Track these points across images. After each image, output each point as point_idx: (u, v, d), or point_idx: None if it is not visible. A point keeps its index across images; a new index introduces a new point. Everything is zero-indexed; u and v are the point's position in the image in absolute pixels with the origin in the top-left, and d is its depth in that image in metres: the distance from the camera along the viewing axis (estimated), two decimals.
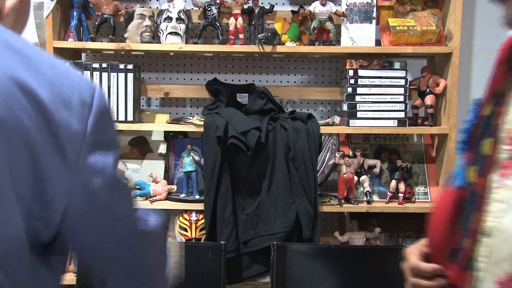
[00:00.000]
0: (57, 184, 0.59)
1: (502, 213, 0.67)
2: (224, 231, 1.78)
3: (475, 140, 0.75)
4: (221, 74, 2.13)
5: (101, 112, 0.63)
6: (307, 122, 1.85)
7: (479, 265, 0.70)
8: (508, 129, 0.69)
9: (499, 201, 0.68)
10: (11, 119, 0.54)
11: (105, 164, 0.64)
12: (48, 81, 0.59)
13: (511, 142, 0.68)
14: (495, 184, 0.70)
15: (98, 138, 0.63)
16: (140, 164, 2.03)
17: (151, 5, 2.09)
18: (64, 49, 1.90)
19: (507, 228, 0.66)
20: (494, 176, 0.70)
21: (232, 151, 1.79)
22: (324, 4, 1.86)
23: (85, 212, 0.63)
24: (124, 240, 0.70)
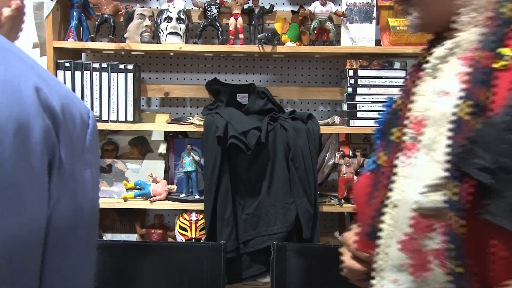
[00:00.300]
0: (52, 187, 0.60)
1: (405, 187, 0.77)
2: (224, 231, 1.78)
3: (388, 130, 0.86)
4: (221, 74, 2.13)
5: (95, 132, 0.68)
6: (307, 122, 1.85)
7: (385, 233, 0.79)
8: (412, 116, 0.80)
9: (403, 177, 0.78)
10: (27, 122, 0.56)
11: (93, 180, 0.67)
12: (58, 93, 0.61)
13: (414, 126, 0.79)
14: (400, 163, 0.80)
15: (91, 156, 0.66)
16: (140, 164, 2.03)
17: (151, 5, 2.09)
18: (64, 49, 1.90)
19: (409, 198, 0.75)
20: (400, 157, 0.81)
21: (232, 151, 1.79)
22: (324, 4, 1.86)
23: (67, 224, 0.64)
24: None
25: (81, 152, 0.64)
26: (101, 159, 2.00)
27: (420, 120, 0.78)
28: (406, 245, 0.75)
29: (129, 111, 1.89)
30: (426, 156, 0.74)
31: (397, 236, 0.76)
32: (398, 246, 0.76)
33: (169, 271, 1.65)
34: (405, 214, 0.75)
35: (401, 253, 0.76)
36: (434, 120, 0.74)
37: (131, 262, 1.65)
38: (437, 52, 0.78)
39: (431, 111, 0.76)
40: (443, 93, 0.74)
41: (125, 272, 1.65)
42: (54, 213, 0.61)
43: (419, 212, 0.73)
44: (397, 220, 0.77)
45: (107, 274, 1.64)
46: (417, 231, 0.73)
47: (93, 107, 1.88)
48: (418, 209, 0.73)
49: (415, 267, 0.74)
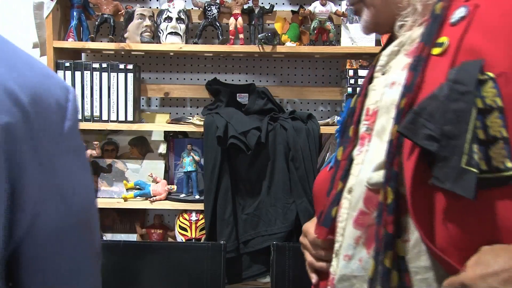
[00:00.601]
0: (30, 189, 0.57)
1: (359, 172, 0.84)
2: (224, 231, 1.78)
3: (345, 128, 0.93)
4: (221, 74, 2.13)
5: (75, 116, 0.63)
6: (307, 122, 1.85)
7: (342, 217, 0.85)
8: (367, 108, 0.87)
9: (357, 164, 0.85)
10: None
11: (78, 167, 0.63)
12: (27, 83, 0.57)
13: (368, 118, 0.86)
14: (356, 152, 0.87)
15: (72, 141, 0.62)
16: (140, 164, 2.03)
17: (151, 5, 2.09)
18: (64, 49, 1.90)
19: (360, 180, 0.82)
20: (355, 148, 0.88)
21: (232, 151, 1.79)
22: (324, 4, 1.86)
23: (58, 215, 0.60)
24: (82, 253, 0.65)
25: (59, 140, 0.60)
26: (101, 159, 2.00)
27: (373, 112, 0.85)
28: (359, 221, 0.81)
29: (129, 111, 1.89)
30: (378, 141, 0.81)
31: (352, 216, 0.82)
32: (353, 224, 0.82)
33: (169, 271, 1.65)
34: (359, 194, 0.81)
35: (355, 230, 0.81)
36: (385, 109, 0.81)
37: (131, 262, 1.65)
38: (386, 50, 0.86)
39: (382, 102, 0.83)
40: (392, 84, 0.81)
41: (125, 272, 1.65)
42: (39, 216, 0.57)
43: (369, 188, 0.79)
44: (352, 201, 0.83)
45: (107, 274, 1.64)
46: (368, 206, 0.79)
47: (93, 107, 1.88)
48: (369, 185, 0.79)
49: (367, 240, 0.79)
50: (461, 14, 0.71)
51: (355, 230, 0.81)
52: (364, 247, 0.80)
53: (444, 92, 0.66)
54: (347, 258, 0.83)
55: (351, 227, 0.82)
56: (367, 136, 0.85)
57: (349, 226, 0.83)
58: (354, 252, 0.81)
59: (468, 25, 0.69)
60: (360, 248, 0.81)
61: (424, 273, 0.72)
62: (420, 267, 0.72)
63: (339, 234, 0.86)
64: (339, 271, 0.84)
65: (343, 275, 0.83)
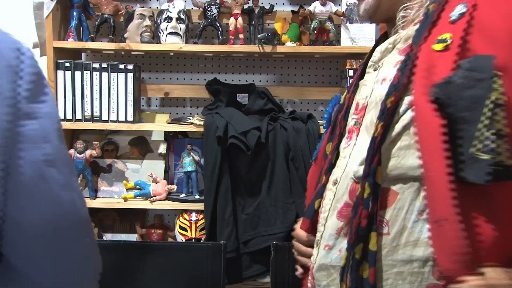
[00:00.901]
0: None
1: (345, 164, 0.85)
2: (224, 231, 1.78)
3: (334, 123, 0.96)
4: (221, 74, 2.13)
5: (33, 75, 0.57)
6: (307, 122, 1.85)
7: (325, 207, 0.87)
8: (357, 102, 0.89)
9: (344, 156, 0.87)
10: None
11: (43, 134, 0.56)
12: None
13: (357, 112, 0.88)
14: (343, 145, 0.89)
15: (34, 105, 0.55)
16: (140, 164, 2.03)
17: (151, 5, 2.09)
18: (64, 49, 1.90)
19: (348, 173, 0.83)
20: (342, 141, 0.90)
21: (232, 151, 1.79)
22: (324, 4, 1.86)
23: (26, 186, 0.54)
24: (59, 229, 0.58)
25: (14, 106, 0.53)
26: (101, 159, 2.00)
27: (362, 106, 0.87)
28: (343, 212, 0.82)
29: (129, 111, 1.89)
30: (366, 135, 0.83)
31: (337, 208, 0.84)
32: (336, 215, 0.84)
33: (169, 271, 1.65)
34: (345, 186, 0.83)
35: (338, 221, 0.83)
36: (374, 104, 0.83)
37: (131, 262, 1.65)
38: (380, 47, 0.88)
39: (371, 97, 0.85)
40: (383, 80, 0.83)
41: (125, 272, 1.65)
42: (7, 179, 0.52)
43: (355, 181, 0.81)
44: (337, 193, 0.85)
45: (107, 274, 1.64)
46: (352, 198, 0.81)
47: (93, 107, 1.88)
48: (355, 178, 0.81)
49: (348, 231, 0.80)
50: (461, 11, 0.72)
51: (338, 221, 0.83)
52: (345, 238, 0.82)
53: (459, 79, 0.66)
54: (327, 248, 0.84)
55: (334, 218, 0.84)
56: (355, 130, 0.87)
57: (333, 217, 0.84)
58: (334, 243, 0.83)
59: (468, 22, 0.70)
60: (341, 239, 0.82)
61: (400, 267, 0.75)
62: (397, 261, 0.75)
63: (321, 224, 0.88)
64: (318, 260, 0.86)
65: (322, 264, 0.85)
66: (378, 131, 0.76)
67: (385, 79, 0.82)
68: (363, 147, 0.81)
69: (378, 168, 0.76)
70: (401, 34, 0.84)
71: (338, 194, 0.85)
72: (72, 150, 1.91)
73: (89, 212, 0.63)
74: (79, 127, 1.89)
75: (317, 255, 0.88)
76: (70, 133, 2.00)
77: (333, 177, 0.88)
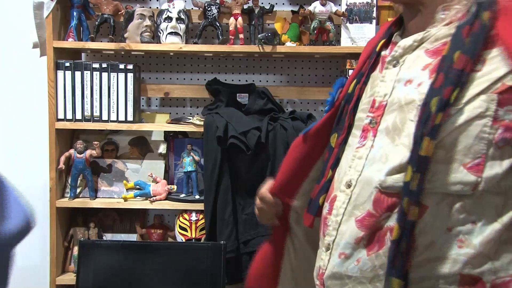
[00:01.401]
0: None
1: (361, 167, 0.81)
2: (224, 231, 1.77)
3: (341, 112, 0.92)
4: (221, 74, 2.13)
5: None
6: (307, 122, 1.85)
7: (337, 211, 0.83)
8: (373, 99, 0.84)
9: (359, 158, 0.83)
10: None
11: None
12: None
13: (373, 110, 0.83)
14: (357, 144, 0.84)
15: None
16: (140, 164, 2.03)
17: (151, 5, 2.09)
18: (64, 49, 1.90)
19: (371, 178, 0.79)
20: (352, 139, 0.86)
21: (232, 151, 1.79)
22: (324, 4, 1.86)
23: None
24: None
25: None
26: (101, 159, 2.00)
27: (379, 105, 0.82)
28: (365, 222, 0.79)
29: (129, 111, 1.89)
30: (388, 139, 0.79)
31: (355, 214, 0.80)
32: (356, 223, 0.80)
33: (169, 271, 1.65)
34: (366, 193, 0.79)
35: (358, 230, 0.79)
36: (397, 106, 0.79)
37: (131, 262, 1.65)
38: (403, 42, 0.82)
39: (391, 97, 0.81)
40: (408, 81, 0.79)
41: (125, 272, 1.65)
42: None
43: (381, 191, 0.77)
44: (355, 199, 0.81)
45: (107, 274, 1.64)
46: (377, 209, 0.77)
47: (93, 107, 1.88)
48: (381, 188, 0.77)
49: (369, 242, 0.78)
50: None
51: (357, 230, 0.79)
52: (364, 248, 0.78)
53: None
54: (342, 256, 0.81)
55: (353, 226, 0.80)
56: (371, 130, 0.83)
57: (349, 223, 0.81)
58: (352, 252, 0.80)
59: None
60: (361, 249, 0.79)
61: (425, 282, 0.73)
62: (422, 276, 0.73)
63: (331, 227, 0.84)
64: (331, 268, 0.83)
65: (336, 272, 0.82)
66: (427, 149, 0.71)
67: (410, 81, 0.78)
68: (385, 153, 0.78)
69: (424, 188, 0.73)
70: (430, 32, 0.79)
71: (357, 200, 0.81)
72: (72, 150, 1.91)
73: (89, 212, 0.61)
74: (79, 127, 1.89)
75: (329, 262, 0.84)
76: (70, 133, 2.00)
77: (346, 177, 0.84)
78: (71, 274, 1.93)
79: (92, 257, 1.65)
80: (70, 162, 1.93)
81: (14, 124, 2.15)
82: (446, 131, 0.72)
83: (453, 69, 0.72)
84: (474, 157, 0.71)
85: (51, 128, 1.86)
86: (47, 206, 1.88)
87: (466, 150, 0.72)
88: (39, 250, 2.14)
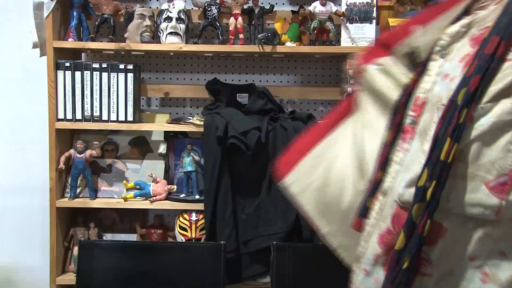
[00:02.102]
0: None
1: (396, 174, 0.72)
2: (224, 231, 1.77)
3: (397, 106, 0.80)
4: (221, 74, 2.13)
5: None
6: (307, 122, 1.85)
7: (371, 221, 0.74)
8: (416, 97, 0.74)
9: (396, 163, 0.74)
10: None
11: None
12: None
13: (415, 108, 0.73)
14: (398, 147, 0.76)
15: None
16: (140, 164, 2.03)
17: (151, 5, 2.09)
18: (64, 49, 1.90)
19: (393, 189, 0.69)
20: (398, 140, 0.76)
21: (232, 151, 1.79)
22: (324, 4, 1.86)
23: None
24: None
25: None
26: (101, 159, 2.00)
27: (421, 102, 0.73)
28: (384, 239, 0.71)
29: (129, 111, 1.89)
30: (418, 143, 0.70)
31: (380, 227, 0.73)
32: (377, 238, 0.73)
33: (169, 271, 1.65)
34: (389, 206, 0.72)
35: (377, 246, 0.72)
36: (431, 105, 0.69)
37: (131, 262, 1.65)
38: (450, 30, 0.72)
39: (431, 93, 0.71)
40: (445, 76, 0.69)
41: (125, 272, 1.65)
42: None
43: (400, 205, 0.69)
44: (383, 210, 0.74)
45: (107, 274, 1.64)
46: (395, 226, 0.69)
47: (93, 107, 1.88)
48: (400, 202, 0.69)
49: (386, 261, 0.70)
50: None
51: (377, 247, 0.72)
52: (382, 267, 0.71)
53: None
54: (365, 272, 0.75)
55: (375, 241, 0.73)
56: (410, 131, 0.73)
57: (374, 237, 0.74)
58: (372, 269, 0.73)
59: None
60: (378, 267, 0.72)
61: None
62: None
63: (363, 238, 0.77)
64: (358, 283, 0.78)
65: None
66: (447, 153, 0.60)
67: (447, 76, 0.67)
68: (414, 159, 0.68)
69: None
70: (478, 15, 0.68)
71: (384, 211, 0.72)
72: (72, 150, 1.91)
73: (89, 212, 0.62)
74: (79, 127, 1.89)
75: (357, 275, 0.78)
76: (70, 133, 2.00)
77: (385, 184, 0.75)
78: (71, 274, 1.93)
79: (92, 257, 1.65)
80: (70, 162, 1.93)
81: (14, 124, 2.15)
82: (468, 138, 0.61)
83: (484, 54, 0.62)
84: (498, 174, 0.60)
85: (51, 128, 1.86)
86: (47, 206, 1.88)
87: (490, 165, 0.60)
88: (39, 250, 2.14)
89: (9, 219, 2.16)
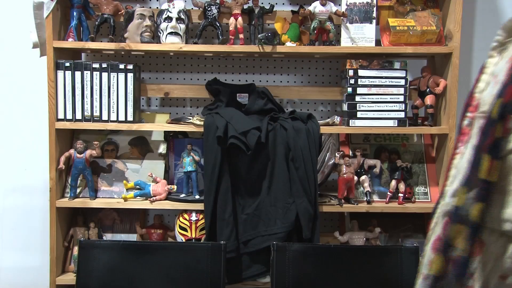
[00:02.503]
0: None
1: (453, 179, 0.67)
2: (224, 231, 1.77)
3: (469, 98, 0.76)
4: (221, 74, 2.13)
5: None
6: (307, 122, 1.85)
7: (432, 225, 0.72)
8: (473, 96, 0.69)
9: (453, 166, 0.70)
10: None
11: None
12: None
13: (473, 109, 0.68)
14: (457, 150, 0.72)
15: None
16: (140, 164, 2.03)
17: (151, 5, 2.09)
18: (64, 49, 1.90)
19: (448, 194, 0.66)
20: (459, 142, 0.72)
21: (232, 151, 1.79)
22: (324, 4, 1.86)
23: None
24: None
25: None
26: (101, 159, 2.00)
27: (476, 103, 0.68)
28: (435, 245, 0.69)
29: (129, 111, 1.89)
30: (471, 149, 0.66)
31: (435, 232, 0.71)
32: (432, 243, 0.71)
33: (169, 271, 1.65)
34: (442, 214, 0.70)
35: (431, 252, 0.70)
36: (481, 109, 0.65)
37: (131, 262, 1.65)
38: (507, 24, 0.66)
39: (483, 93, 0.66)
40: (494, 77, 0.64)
41: (125, 272, 1.65)
42: None
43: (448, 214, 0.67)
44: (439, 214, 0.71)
45: (107, 274, 1.64)
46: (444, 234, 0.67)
47: (93, 107, 1.88)
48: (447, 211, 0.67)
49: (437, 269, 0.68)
50: None
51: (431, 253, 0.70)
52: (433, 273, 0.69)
53: None
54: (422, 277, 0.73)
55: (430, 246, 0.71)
56: (467, 134, 0.69)
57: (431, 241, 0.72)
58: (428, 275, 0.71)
59: None
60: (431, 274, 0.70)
61: None
62: None
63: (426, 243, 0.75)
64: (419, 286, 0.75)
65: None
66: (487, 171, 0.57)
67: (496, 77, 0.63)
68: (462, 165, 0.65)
69: None
70: None
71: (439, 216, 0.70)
72: (72, 150, 1.91)
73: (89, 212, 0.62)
74: (79, 127, 1.89)
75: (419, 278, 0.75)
76: (70, 133, 2.00)
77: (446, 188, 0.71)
78: (71, 274, 1.93)
79: (92, 257, 1.65)
80: (70, 162, 1.93)
81: (14, 124, 2.15)
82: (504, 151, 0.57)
83: None
84: None
85: (51, 128, 1.86)
86: (47, 206, 1.88)
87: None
88: (39, 250, 2.14)
89: (9, 219, 2.16)
